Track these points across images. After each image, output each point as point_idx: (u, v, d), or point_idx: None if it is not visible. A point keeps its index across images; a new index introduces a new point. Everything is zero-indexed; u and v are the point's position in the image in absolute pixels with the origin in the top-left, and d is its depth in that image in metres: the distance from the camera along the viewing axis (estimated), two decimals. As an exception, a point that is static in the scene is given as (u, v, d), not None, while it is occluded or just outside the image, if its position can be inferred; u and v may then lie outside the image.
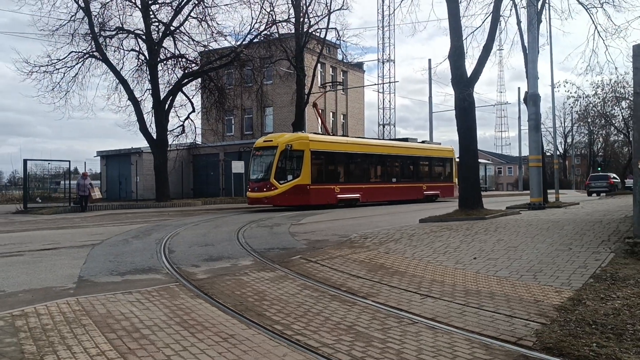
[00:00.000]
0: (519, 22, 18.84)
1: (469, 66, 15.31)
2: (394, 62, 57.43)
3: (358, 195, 25.22)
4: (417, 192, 29.01)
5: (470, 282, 6.63)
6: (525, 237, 9.85)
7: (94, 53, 27.06)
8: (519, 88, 76.17)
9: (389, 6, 55.00)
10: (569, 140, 72.05)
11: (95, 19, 26.50)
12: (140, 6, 27.73)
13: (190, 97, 30.89)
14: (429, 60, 40.17)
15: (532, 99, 16.72)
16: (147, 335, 4.60)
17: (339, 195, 24.19)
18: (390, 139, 36.11)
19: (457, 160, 17.75)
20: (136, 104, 28.21)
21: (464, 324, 4.91)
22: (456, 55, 14.65)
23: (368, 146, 27.09)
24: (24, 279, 7.38)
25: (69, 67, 26.96)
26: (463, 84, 14.64)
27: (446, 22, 15.12)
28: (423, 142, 32.67)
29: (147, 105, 29.50)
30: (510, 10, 17.72)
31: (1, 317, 5.04)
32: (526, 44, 17.72)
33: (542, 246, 8.77)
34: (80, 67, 27.28)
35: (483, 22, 15.40)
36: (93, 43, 26.67)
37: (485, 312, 5.29)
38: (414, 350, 4.25)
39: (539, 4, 17.45)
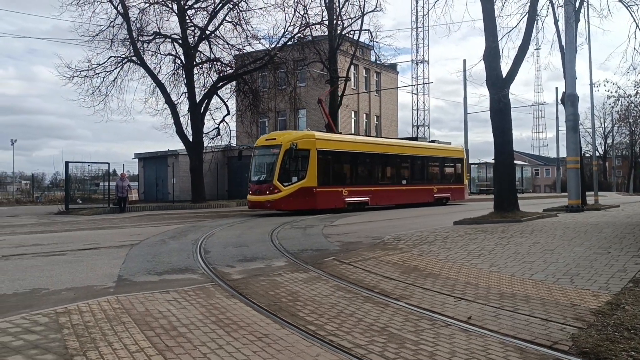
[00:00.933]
0: (556, 22, 18.53)
1: (504, 67, 15.13)
2: (427, 63, 57.12)
3: (367, 198, 23.35)
4: (427, 194, 27.16)
5: (505, 285, 6.57)
6: (562, 240, 9.68)
7: (132, 57, 27.68)
8: (556, 88, 74.42)
9: (422, 7, 54.78)
10: (609, 141, 70.21)
11: (134, 24, 27.12)
12: (176, 11, 28.27)
13: (225, 100, 31.36)
14: (464, 61, 39.82)
15: (569, 100, 16.39)
16: (184, 333, 4.72)
17: (346, 199, 22.26)
18: (399, 138, 34.72)
19: (494, 161, 17.32)
20: (173, 107, 28.74)
21: (498, 327, 4.87)
22: (491, 56, 14.48)
23: (378, 145, 25.33)
24: (66, 277, 7.64)
25: (108, 72, 27.66)
26: (498, 85, 14.46)
27: (481, 22, 14.98)
28: (432, 141, 31.21)
29: (183, 108, 30.04)
30: (547, 9, 17.49)
31: (46, 314, 5.24)
32: (564, 44, 17.40)
33: (579, 249, 8.61)
34: (119, 71, 27.97)
35: (519, 22, 15.19)
36: (131, 48, 27.29)
37: (520, 315, 5.24)
38: (447, 352, 4.25)
39: (577, 2, 17.11)
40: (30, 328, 4.77)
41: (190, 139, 29.00)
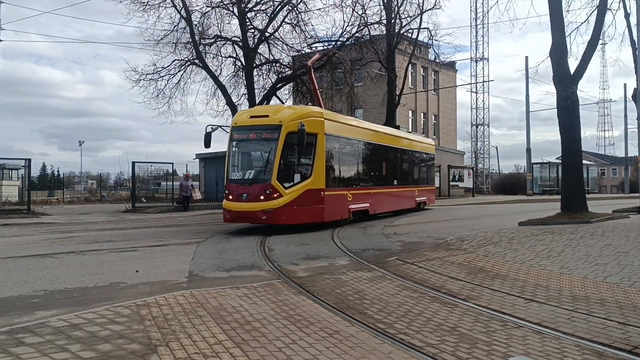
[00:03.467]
0: (627, 15, 17.78)
1: (571, 63, 14.63)
2: (487, 61, 55.90)
3: (367, 204, 17.27)
4: (411, 198, 21.94)
5: (577, 287, 6.40)
6: (636, 242, 9.31)
7: (195, 60, 28.43)
8: (625, 84, 71.27)
9: (482, 3, 53.65)
10: (683, 139, 66.37)
11: (196, 28, 27.83)
12: (237, 14, 28.83)
13: (284, 101, 31.71)
14: (526, 57, 38.36)
15: (642, 96, 15.71)
16: (258, 327, 4.87)
17: (350, 206, 16.04)
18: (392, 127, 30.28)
19: (562, 160, 16.60)
20: (233, 108, 29.32)
21: (573, 330, 4.77)
22: (558, 52, 14.03)
23: (387, 136, 19.93)
24: (141, 272, 7.99)
25: (171, 75, 28.48)
26: (566, 82, 14.00)
27: (546, 17, 14.55)
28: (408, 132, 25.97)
29: (243, 109, 30.60)
30: (619, 3, 16.75)
31: (127, 306, 5.53)
32: (635, 38, 16.70)
33: (656, 252, 8.27)
34: (182, 74, 28.76)
35: (588, 17, 14.62)
36: (194, 51, 28.06)
37: (595, 318, 5.11)
38: (521, 353, 4.20)
39: (651, -6, 16.35)
40: (115, 319, 5.05)
41: (250, 140, 29.49)
